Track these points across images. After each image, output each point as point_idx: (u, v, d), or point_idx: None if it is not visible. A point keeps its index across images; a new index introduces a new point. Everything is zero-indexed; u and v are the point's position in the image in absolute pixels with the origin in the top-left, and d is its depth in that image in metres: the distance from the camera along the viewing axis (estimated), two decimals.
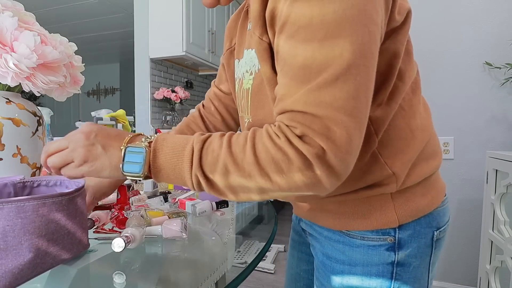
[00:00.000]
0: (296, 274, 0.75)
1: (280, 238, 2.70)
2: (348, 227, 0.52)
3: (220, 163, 0.40)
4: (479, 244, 1.54)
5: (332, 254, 0.55)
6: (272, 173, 0.38)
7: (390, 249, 0.50)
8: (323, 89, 0.36)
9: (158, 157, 0.42)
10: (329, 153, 0.36)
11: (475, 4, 1.64)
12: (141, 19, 2.57)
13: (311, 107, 0.37)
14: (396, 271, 0.51)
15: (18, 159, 0.68)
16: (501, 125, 1.63)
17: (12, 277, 0.40)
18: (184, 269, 0.52)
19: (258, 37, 0.45)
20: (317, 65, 0.37)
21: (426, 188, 0.52)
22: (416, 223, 0.51)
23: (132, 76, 2.75)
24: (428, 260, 0.53)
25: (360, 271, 0.52)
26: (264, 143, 0.39)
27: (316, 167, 0.37)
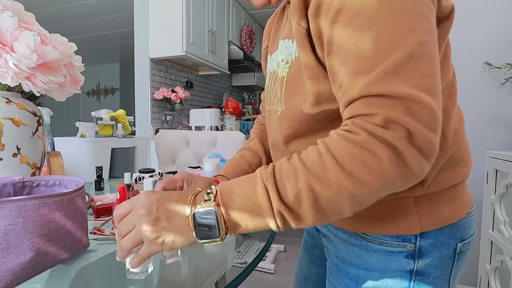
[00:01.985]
0: (306, 277, 0.73)
1: (280, 238, 2.70)
2: (367, 230, 0.50)
3: (303, 187, 0.36)
4: (479, 244, 1.54)
5: (347, 258, 0.53)
6: (363, 175, 0.34)
7: (409, 257, 0.48)
8: (399, 68, 0.34)
9: (231, 213, 0.38)
10: (416, 135, 0.33)
11: (475, 4, 1.64)
12: (141, 19, 2.57)
13: (389, 89, 0.34)
14: (415, 280, 0.48)
15: (18, 159, 0.68)
16: (501, 125, 1.63)
17: (13, 276, 0.40)
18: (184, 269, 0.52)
19: (296, 23, 0.45)
20: (385, 46, 0.35)
21: (453, 196, 0.49)
22: (439, 232, 0.48)
23: (132, 76, 2.75)
24: (449, 272, 0.50)
25: (375, 277, 0.49)
26: (343, 146, 0.35)
27: (406, 154, 0.34)
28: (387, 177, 0.34)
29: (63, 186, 0.56)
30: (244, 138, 1.60)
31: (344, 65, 0.38)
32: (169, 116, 2.70)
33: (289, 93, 0.50)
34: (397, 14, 0.35)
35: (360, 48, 0.36)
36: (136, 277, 0.45)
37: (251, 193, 0.38)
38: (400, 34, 0.35)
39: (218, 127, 2.63)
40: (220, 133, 1.68)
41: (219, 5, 2.93)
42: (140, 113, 2.62)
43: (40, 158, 0.74)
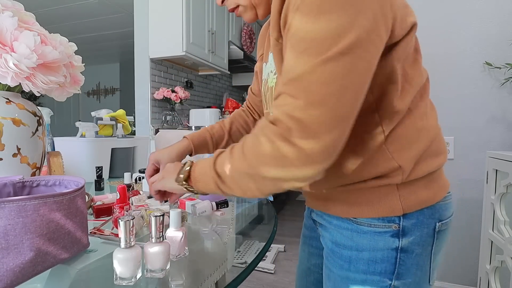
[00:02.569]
0: (307, 269, 0.79)
1: (280, 238, 2.70)
2: (357, 215, 0.56)
3: (226, 161, 0.49)
4: (479, 244, 1.54)
5: (341, 241, 0.59)
6: (252, 159, 0.45)
7: (394, 236, 0.54)
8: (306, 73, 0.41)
9: (195, 169, 0.55)
10: (294, 132, 0.41)
11: (475, 5, 1.64)
12: (141, 19, 2.57)
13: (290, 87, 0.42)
14: (400, 256, 0.55)
15: (18, 159, 0.68)
16: (501, 125, 1.63)
17: (13, 276, 0.40)
18: (184, 269, 0.52)
19: (275, 39, 0.52)
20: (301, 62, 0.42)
21: (430, 182, 0.56)
22: (419, 213, 0.55)
23: (132, 76, 2.75)
24: (430, 249, 0.57)
25: (366, 256, 0.56)
26: (250, 136, 0.47)
27: (283, 146, 0.42)
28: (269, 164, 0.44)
29: (63, 186, 0.56)
30: None
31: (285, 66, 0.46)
32: (169, 116, 2.70)
33: None
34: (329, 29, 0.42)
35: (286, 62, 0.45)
36: (124, 282, 0.44)
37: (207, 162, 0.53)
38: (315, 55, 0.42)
39: None
40: None
41: None
42: (140, 113, 2.62)
43: (40, 158, 0.74)
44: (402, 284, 0.56)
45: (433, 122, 0.58)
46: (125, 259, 0.43)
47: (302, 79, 0.41)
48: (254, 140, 0.46)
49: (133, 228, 0.45)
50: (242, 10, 0.63)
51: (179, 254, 0.53)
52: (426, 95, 0.58)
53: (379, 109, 0.52)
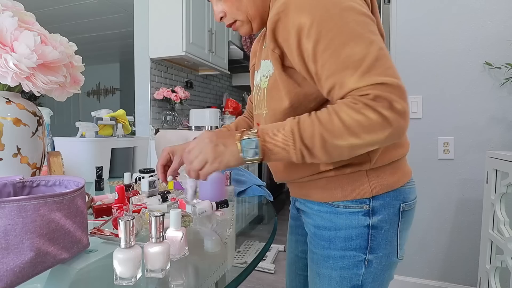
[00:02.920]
0: (295, 257, 0.88)
1: (280, 238, 2.70)
2: (334, 198, 0.65)
3: (317, 135, 0.52)
4: (479, 244, 1.54)
5: (322, 223, 0.68)
6: (360, 132, 0.50)
7: (366, 215, 0.64)
8: (372, 69, 0.50)
9: (267, 142, 0.56)
10: (395, 103, 0.49)
11: (475, 4, 1.64)
12: (141, 19, 2.57)
13: (372, 81, 0.50)
14: (371, 232, 0.64)
15: (18, 159, 0.68)
16: (501, 125, 1.63)
17: (14, 276, 0.40)
18: (184, 269, 0.52)
19: (272, 50, 0.61)
20: (359, 56, 0.51)
21: (395, 169, 0.66)
22: (386, 195, 0.64)
23: (132, 76, 2.75)
24: (397, 227, 0.66)
25: (343, 234, 0.65)
26: (345, 110, 0.51)
27: (389, 116, 0.49)
28: (376, 135, 0.50)
29: (63, 186, 0.56)
30: None
31: (327, 72, 0.54)
32: (169, 116, 2.70)
33: (269, 100, 0.66)
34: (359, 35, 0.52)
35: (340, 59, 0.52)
36: (124, 282, 0.44)
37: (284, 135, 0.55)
38: (365, 46, 0.51)
39: (218, 127, 2.63)
40: None
41: None
42: (140, 113, 2.62)
43: (40, 158, 0.74)
44: (375, 257, 0.65)
45: None
46: (125, 259, 0.43)
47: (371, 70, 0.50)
48: (356, 113, 0.50)
49: (133, 228, 0.45)
50: (239, 24, 0.72)
51: (179, 254, 0.53)
52: None
53: None
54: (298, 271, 0.87)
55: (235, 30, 0.74)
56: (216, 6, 0.72)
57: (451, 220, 1.75)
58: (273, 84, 0.65)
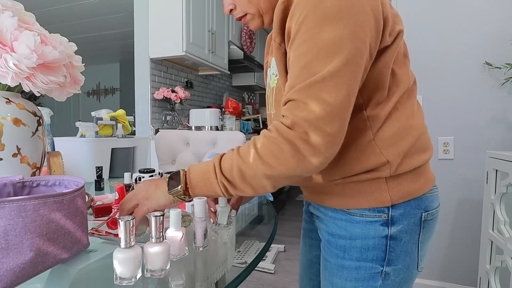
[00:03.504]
0: (308, 261, 0.83)
1: (280, 238, 2.70)
2: (350, 206, 0.61)
3: (235, 167, 0.52)
4: (479, 244, 1.54)
5: (336, 231, 0.64)
6: (271, 161, 0.49)
7: (384, 224, 0.59)
8: (314, 84, 0.48)
9: (191, 175, 0.56)
10: (311, 136, 0.47)
11: (475, 4, 1.64)
12: (141, 19, 2.57)
13: (302, 95, 0.48)
14: (390, 243, 0.60)
15: (18, 159, 0.68)
16: (501, 125, 1.63)
17: (14, 276, 0.40)
18: (184, 269, 0.52)
19: (278, 44, 0.58)
20: (312, 69, 0.49)
21: (417, 176, 0.61)
22: (406, 204, 0.60)
23: (132, 76, 2.75)
24: (417, 238, 0.61)
25: (359, 244, 0.61)
26: (261, 141, 0.51)
27: (302, 148, 0.48)
28: (288, 164, 0.49)
29: (63, 186, 0.56)
30: (244, 138, 1.60)
31: (289, 78, 0.53)
32: (169, 116, 2.70)
33: (278, 100, 0.64)
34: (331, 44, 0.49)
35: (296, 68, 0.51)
36: (124, 282, 0.44)
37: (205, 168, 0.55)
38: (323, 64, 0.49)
39: (218, 127, 2.63)
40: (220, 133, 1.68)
41: (219, 5, 2.93)
42: (140, 113, 2.62)
43: (40, 158, 0.74)
44: (393, 270, 0.60)
45: (420, 121, 0.63)
46: (125, 259, 0.43)
47: (314, 89, 0.48)
48: (271, 143, 0.50)
49: (133, 228, 0.45)
50: (249, 18, 0.67)
51: (179, 254, 0.53)
52: (414, 96, 0.63)
53: (367, 109, 0.58)
54: (311, 276, 0.83)
55: (245, 24, 0.70)
56: None
57: (451, 220, 1.75)
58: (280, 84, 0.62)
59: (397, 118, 0.59)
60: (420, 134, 0.61)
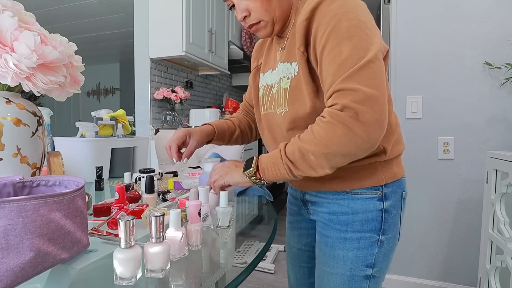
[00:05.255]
0: (298, 250, 0.93)
1: (280, 238, 2.70)
2: (352, 187, 0.72)
3: (296, 149, 0.61)
4: (479, 244, 1.54)
5: (338, 209, 0.74)
6: (326, 141, 0.57)
7: (380, 200, 0.72)
8: (353, 73, 0.57)
9: (262, 159, 0.67)
10: (361, 115, 0.55)
11: (475, 4, 1.64)
12: (141, 19, 2.57)
13: (345, 85, 0.57)
14: (384, 216, 0.72)
15: (18, 159, 0.68)
16: (501, 125, 1.63)
17: (14, 276, 0.40)
18: (184, 269, 0.52)
19: (302, 52, 0.67)
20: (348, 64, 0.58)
21: (398, 162, 0.76)
22: (393, 184, 0.73)
23: (132, 76, 2.75)
24: (400, 212, 0.75)
25: (360, 217, 0.71)
26: (318, 124, 0.60)
27: (354, 126, 0.55)
28: (342, 142, 0.57)
29: (63, 186, 0.56)
30: None
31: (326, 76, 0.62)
32: (169, 116, 2.70)
33: (292, 99, 0.71)
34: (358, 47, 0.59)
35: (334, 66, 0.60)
36: (124, 282, 0.44)
37: (274, 154, 0.65)
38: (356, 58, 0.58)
39: None
40: None
41: (219, 5, 2.93)
42: (140, 113, 2.62)
43: (40, 158, 0.74)
44: (386, 238, 0.72)
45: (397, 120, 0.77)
46: (125, 259, 0.43)
47: (355, 77, 0.57)
48: (324, 125, 0.58)
49: (133, 228, 0.45)
50: (263, 25, 0.73)
51: (179, 254, 0.53)
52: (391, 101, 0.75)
53: None
54: (302, 263, 0.93)
55: (255, 31, 0.75)
56: (240, 3, 0.70)
57: (451, 220, 1.75)
58: (296, 85, 0.70)
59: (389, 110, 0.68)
60: (399, 128, 0.76)
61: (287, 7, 0.72)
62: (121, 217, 0.44)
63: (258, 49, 0.91)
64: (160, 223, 0.47)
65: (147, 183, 0.79)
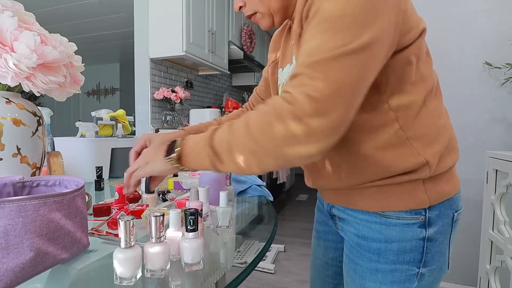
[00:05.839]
0: (324, 264, 0.82)
1: (280, 238, 2.70)
2: (385, 208, 0.59)
3: (224, 140, 0.50)
4: (479, 244, 1.54)
5: (369, 235, 0.62)
6: (258, 136, 0.47)
7: (421, 226, 0.59)
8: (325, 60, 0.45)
9: (185, 146, 0.55)
10: (310, 115, 0.44)
11: (475, 4, 1.64)
12: (141, 19, 2.57)
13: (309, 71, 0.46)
14: (427, 245, 0.59)
15: (18, 159, 0.68)
16: (501, 125, 1.63)
17: (14, 276, 0.40)
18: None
19: (299, 34, 0.57)
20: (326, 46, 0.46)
21: (450, 176, 0.61)
22: (441, 205, 0.60)
23: (132, 76, 2.75)
24: (449, 237, 0.62)
25: (396, 247, 0.59)
26: (254, 114, 0.49)
27: (296, 127, 0.44)
28: (276, 142, 0.46)
29: (63, 186, 0.56)
30: None
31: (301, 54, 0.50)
32: (169, 116, 2.70)
33: None
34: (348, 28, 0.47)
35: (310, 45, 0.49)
36: (124, 282, 0.44)
37: (200, 139, 0.54)
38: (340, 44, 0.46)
39: None
40: None
41: (219, 5, 2.93)
42: (140, 113, 2.62)
43: (40, 158, 0.74)
44: (428, 270, 0.60)
45: (449, 121, 0.64)
46: (125, 259, 0.43)
47: (325, 64, 0.45)
48: (262, 118, 0.47)
49: (133, 228, 0.45)
50: (259, 16, 0.65)
51: (179, 254, 0.53)
52: (440, 95, 0.63)
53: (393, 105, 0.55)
54: (327, 278, 0.82)
55: (255, 23, 0.68)
56: None
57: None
58: None
59: (427, 117, 0.57)
60: (451, 134, 0.62)
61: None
62: (121, 217, 0.44)
63: (277, 40, 0.79)
64: (160, 223, 0.47)
65: (147, 183, 0.79)
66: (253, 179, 1.10)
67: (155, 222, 0.46)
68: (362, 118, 0.56)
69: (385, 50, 0.49)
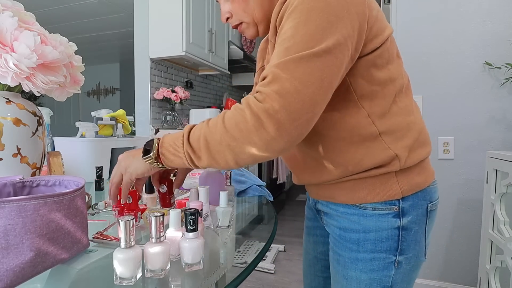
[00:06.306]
0: (313, 258, 0.86)
1: (280, 238, 2.70)
2: (362, 201, 0.64)
3: (201, 136, 0.53)
4: (479, 244, 1.54)
5: (349, 226, 0.66)
6: (235, 132, 0.50)
7: (396, 216, 0.63)
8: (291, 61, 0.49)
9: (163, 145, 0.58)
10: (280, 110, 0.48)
11: (475, 4, 1.64)
12: (141, 19, 2.57)
13: (278, 70, 0.50)
14: (402, 234, 0.63)
15: (18, 159, 0.68)
16: (501, 125, 1.63)
17: (14, 276, 0.40)
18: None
19: (273, 44, 0.61)
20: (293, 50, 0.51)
21: (421, 169, 0.65)
22: (414, 196, 0.64)
23: (132, 76, 2.75)
24: (424, 227, 0.66)
25: (373, 236, 0.64)
26: (230, 112, 0.52)
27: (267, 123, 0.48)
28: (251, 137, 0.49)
29: (63, 186, 0.56)
30: None
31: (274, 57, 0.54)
32: (169, 116, 2.70)
33: None
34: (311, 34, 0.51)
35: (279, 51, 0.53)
36: (124, 282, 0.44)
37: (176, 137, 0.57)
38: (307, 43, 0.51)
39: None
40: None
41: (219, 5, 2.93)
42: (140, 113, 2.62)
43: (40, 158, 0.74)
44: (404, 258, 0.64)
45: (419, 116, 0.68)
46: (125, 259, 0.43)
47: (291, 65, 0.49)
48: (237, 115, 0.51)
49: (133, 228, 0.45)
50: (245, 26, 0.70)
51: (179, 254, 0.53)
52: (410, 93, 0.68)
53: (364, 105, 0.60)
54: (317, 272, 0.86)
55: (241, 32, 0.72)
56: (223, 6, 0.71)
57: (451, 220, 1.75)
58: None
59: (398, 113, 0.62)
60: (421, 128, 0.66)
61: (268, 8, 0.67)
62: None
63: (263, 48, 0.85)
64: (160, 223, 0.47)
65: (147, 183, 0.79)
66: (253, 179, 1.10)
67: (155, 222, 0.46)
68: (335, 116, 0.60)
69: (348, 54, 0.53)
